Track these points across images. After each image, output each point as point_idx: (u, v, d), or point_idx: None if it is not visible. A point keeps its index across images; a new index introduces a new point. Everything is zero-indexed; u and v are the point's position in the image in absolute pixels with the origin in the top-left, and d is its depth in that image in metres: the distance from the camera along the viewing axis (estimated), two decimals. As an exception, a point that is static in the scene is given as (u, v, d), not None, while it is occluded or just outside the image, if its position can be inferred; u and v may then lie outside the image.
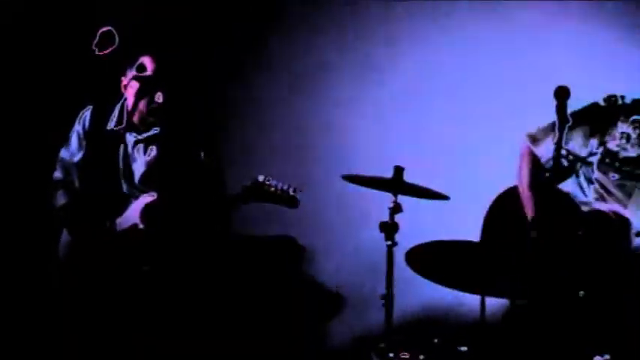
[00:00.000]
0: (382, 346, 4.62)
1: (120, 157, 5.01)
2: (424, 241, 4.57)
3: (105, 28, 4.82)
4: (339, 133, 5.88)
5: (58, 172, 5.12)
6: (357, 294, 5.71)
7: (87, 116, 5.09)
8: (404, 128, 5.79)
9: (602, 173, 4.72)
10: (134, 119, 4.99)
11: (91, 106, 5.11)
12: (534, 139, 4.84)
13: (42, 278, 5.29)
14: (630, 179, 4.69)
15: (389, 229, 4.66)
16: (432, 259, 4.58)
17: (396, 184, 4.70)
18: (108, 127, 5.03)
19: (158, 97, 4.94)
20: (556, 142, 4.04)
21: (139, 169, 5.02)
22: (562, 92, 4.03)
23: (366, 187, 4.81)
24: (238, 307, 5.71)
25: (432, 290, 4.80)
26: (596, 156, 4.72)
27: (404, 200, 4.71)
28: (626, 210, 4.67)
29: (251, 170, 5.02)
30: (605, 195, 4.73)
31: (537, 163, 4.82)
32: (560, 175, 4.72)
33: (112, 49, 4.83)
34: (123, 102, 5.05)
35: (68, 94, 5.54)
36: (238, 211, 5.16)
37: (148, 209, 4.92)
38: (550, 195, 4.46)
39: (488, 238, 4.82)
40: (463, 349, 4.69)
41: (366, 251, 5.37)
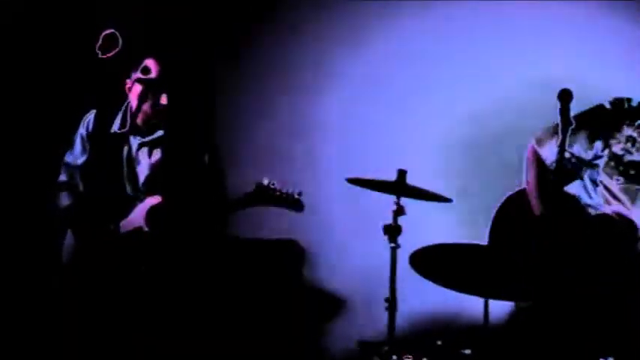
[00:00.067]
0: (386, 349, 4.62)
1: (124, 160, 5.02)
2: (427, 244, 4.56)
3: (108, 31, 4.81)
4: (343, 135, 5.88)
5: (63, 176, 5.12)
6: (361, 297, 5.71)
7: (91, 119, 5.11)
8: (408, 130, 5.78)
9: (607, 176, 4.71)
10: (138, 121, 5.00)
11: (94, 110, 5.13)
12: (539, 140, 4.83)
13: (46, 280, 5.30)
14: (635, 183, 4.67)
15: (392, 232, 4.66)
16: (436, 261, 4.57)
17: (399, 187, 4.70)
18: (112, 131, 5.04)
19: (162, 100, 4.96)
20: (559, 145, 4.02)
21: (143, 172, 5.03)
22: (565, 95, 4.01)
23: (369, 189, 4.81)
24: (241, 310, 5.71)
25: (435, 293, 4.79)
26: (602, 159, 4.71)
27: (407, 203, 4.71)
28: (630, 213, 4.65)
29: (255, 173, 5.02)
30: (609, 198, 4.71)
31: (543, 165, 4.81)
32: (564, 177, 4.70)
33: (115, 51, 4.82)
34: (127, 105, 5.06)
35: (72, 97, 5.55)
36: (236, 215, 5.17)
37: (152, 212, 4.92)
38: (557, 197, 4.44)
39: (496, 240, 4.81)
40: (467, 352, 4.68)
41: (369, 254, 5.35)
